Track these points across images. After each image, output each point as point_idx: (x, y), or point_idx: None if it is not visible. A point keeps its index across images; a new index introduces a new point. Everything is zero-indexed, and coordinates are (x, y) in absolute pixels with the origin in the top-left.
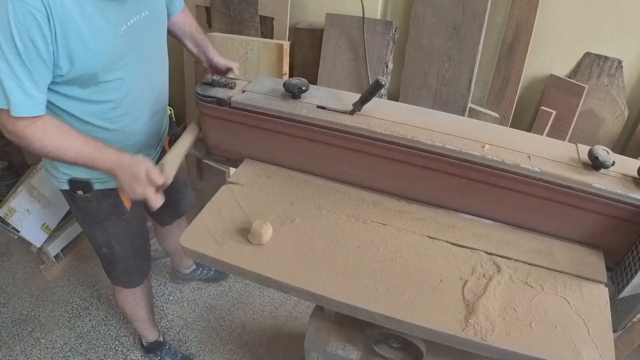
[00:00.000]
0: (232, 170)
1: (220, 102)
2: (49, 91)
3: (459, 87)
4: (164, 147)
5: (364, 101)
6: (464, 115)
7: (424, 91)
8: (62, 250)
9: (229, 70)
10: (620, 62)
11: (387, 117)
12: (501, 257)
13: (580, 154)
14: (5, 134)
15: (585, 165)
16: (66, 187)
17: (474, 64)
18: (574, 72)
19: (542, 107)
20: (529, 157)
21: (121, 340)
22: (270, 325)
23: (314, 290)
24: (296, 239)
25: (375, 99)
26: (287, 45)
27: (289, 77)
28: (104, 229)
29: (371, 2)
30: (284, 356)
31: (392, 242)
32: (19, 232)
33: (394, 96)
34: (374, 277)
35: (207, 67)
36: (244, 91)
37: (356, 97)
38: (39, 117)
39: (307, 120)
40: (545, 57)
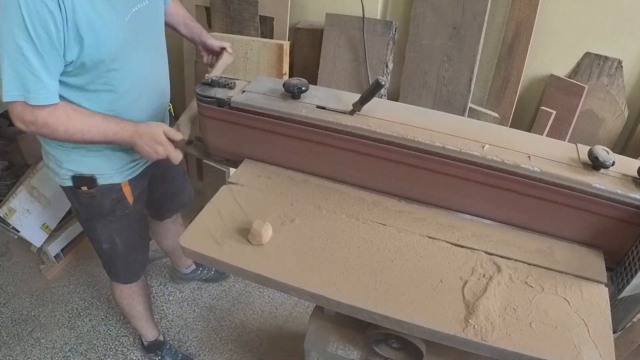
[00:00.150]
0: (232, 170)
1: (219, 102)
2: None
3: (459, 87)
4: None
5: (363, 101)
6: (464, 115)
7: (424, 91)
8: (62, 250)
9: (223, 49)
10: (620, 62)
11: (387, 117)
12: (501, 257)
13: (580, 154)
14: (20, 125)
15: (585, 165)
16: (69, 183)
17: (474, 64)
18: (574, 72)
19: (542, 107)
20: (529, 157)
21: (121, 340)
22: (270, 325)
23: (314, 290)
24: (296, 239)
25: (375, 99)
26: (287, 45)
27: (289, 77)
28: (107, 223)
29: (371, 2)
30: (284, 356)
31: (392, 242)
32: (19, 232)
33: (394, 96)
34: (374, 277)
35: (202, 50)
36: (244, 91)
37: (356, 97)
38: (57, 104)
39: (307, 120)
40: (545, 57)
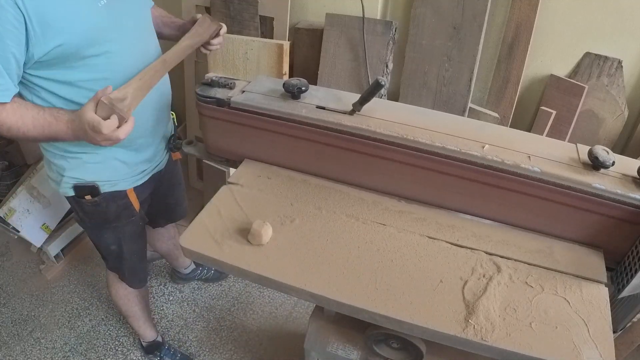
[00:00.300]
0: (232, 170)
1: (219, 102)
2: (41, 79)
3: (459, 87)
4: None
5: (363, 101)
6: (464, 115)
7: (424, 91)
8: (62, 250)
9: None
10: (620, 62)
11: (386, 117)
12: (501, 257)
13: (580, 154)
14: None
15: (585, 165)
16: (71, 193)
17: (474, 64)
18: (574, 72)
19: (542, 107)
20: (529, 157)
21: (121, 340)
22: (270, 325)
23: (314, 290)
24: (296, 240)
25: (375, 99)
26: (287, 45)
27: (289, 77)
28: (114, 229)
29: (371, 2)
30: (284, 356)
31: (392, 242)
32: (19, 232)
33: (394, 96)
34: (374, 277)
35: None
36: (244, 91)
37: (356, 97)
38: (6, 103)
39: (307, 120)
40: (545, 57)
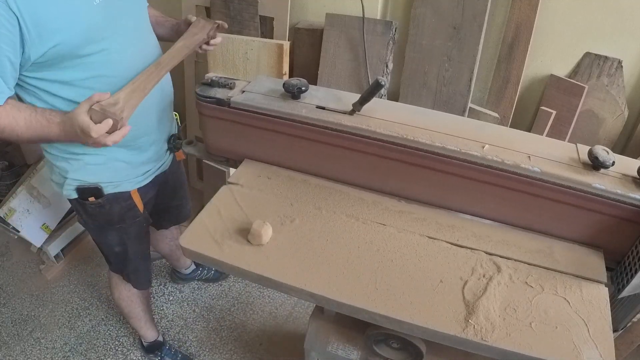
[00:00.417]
0: (232, 170)
1: (219, 102)
2: (38, 80)
3: (459, 87)
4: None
5: (363, 101)
6: (464, 115)
7: (424, 91)
8: (62, 250)
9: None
10: (620, 62)
11: (386, 117)
12: (501, 257)
13: (580, 154)
14: None
15: (585, 165)
16: (75, 195)
17: (474, 64)
18: (574, 72)
19: (542, 107)
20: (529, 157)
21: (121, 340)
22: (270, 325)
23: (314, 290)
24: (296, 240)
25: (375, 99)
26: (287, 45)
27: (289, 77)
28: (118, 230)
29: (371, 2)
30: (284, 356)
31: (392, 242)
32: (19, 232)
33: (394, 96)
34: (374, 277)
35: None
36: (244, 91)
37: (356, 97)
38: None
39: (307, 120)
40: (545, 57)
